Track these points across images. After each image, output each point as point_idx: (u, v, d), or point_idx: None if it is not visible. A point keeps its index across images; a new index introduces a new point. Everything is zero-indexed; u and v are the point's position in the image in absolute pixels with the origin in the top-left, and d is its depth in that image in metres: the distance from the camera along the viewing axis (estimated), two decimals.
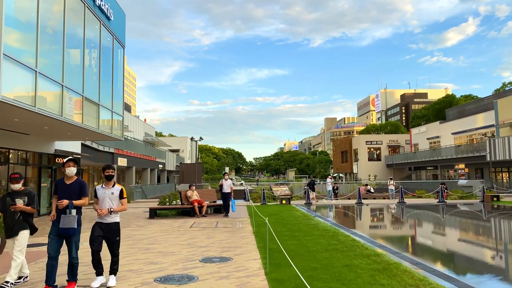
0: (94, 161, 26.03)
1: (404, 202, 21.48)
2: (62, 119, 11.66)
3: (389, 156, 65.70)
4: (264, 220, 12.03)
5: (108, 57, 16.25)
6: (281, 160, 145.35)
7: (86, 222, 13.34)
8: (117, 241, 6.09)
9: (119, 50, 17.62)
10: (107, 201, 5.96)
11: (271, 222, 12.99)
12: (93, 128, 14.16)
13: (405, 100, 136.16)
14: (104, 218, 6.01)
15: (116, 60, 17.19)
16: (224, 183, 15.38)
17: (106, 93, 15.91)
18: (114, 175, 6.05)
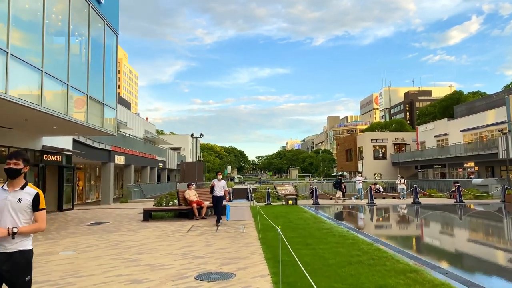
0: (89, 158, 24.69)
1: (419, 202, 20.02)
2: (42, 110, 10.27)
3: (395, 154, 64.20)
4: (270, 223, 10.61)
5: (98, 44, 14.85)
6: (284, 159, 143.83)
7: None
8: (25, 284, 3.31)
9: (112, 38, 16.20)
10: (7, 214, 3.28)
11: (278, 225, 11.56)
12: (81, 122, 12.77)
13: (409, 98, 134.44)
14: (1, 244, 3.24)
15: (108, 49, 15.78)
16: (216, 184, 12.61)
17: (96, 83, 14.51)
18: (24, 170, 3.44)
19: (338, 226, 11.35)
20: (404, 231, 12.10)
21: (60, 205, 18.08)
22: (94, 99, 13.86)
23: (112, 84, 16.26)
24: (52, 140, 16.99)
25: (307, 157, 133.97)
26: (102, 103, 14.73)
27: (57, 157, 17.44)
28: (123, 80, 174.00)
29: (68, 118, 11.74)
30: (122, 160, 30.64)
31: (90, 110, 13.65)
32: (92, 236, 10.42)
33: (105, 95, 14.93)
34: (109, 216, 15.86)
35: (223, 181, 12.78)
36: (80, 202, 30.18)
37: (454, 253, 8.86)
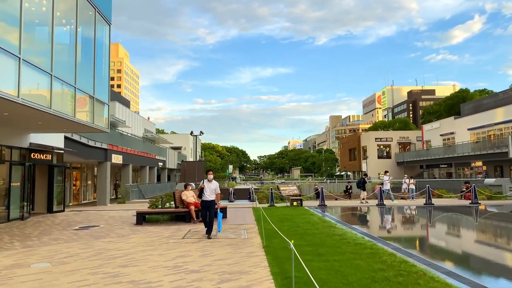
0: (84, 157, 23.60)
1: (432, 203, 18.83)
2: (20, 102, 9.16)
3: (399, 154, 62.93)
4: (275, 228, 9.47)
5: (88, 33, 13.73)
6: (286, 159, 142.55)
7: None
8: None
9: (104, 28, 15.08)
10: None
11: (284, 230, 10.43)
12: (68, 116, 11.66)
13: (412, 97, 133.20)
14: None
15: (100, 39, 14.67)
16: (206, 186, 10.32)
17: (86, 75, 13.40)
18: None
19: (351, 232, 10.19)
20: (426, 238, 10.88)
21: (50, 207, 16.98)
22: (83, 92, 12.75)
23: (105, 77, 15.15)
24: (41, 137, 15.89)
25: (309, 156, 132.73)
26: (93, 97, 13.62)
27: (46, 155, 16.33)
28: (124, 80, 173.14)
29: (52, 112, 10.63)
30: (119, 159, 29.56)
31: (78, 104, 12.53)
32: (76, 243, 9.30)
33: (95, 88, 13.82)
34: (100, 219, 14.74)
35: (214, 182, 10.52)
36: (76, 203, 29.12)
37: (496, 265, 7.67)
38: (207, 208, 10.19)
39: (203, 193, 10.24)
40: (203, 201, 10.37)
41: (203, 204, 10.39)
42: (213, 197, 10.29)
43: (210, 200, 10.25)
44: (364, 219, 15.28)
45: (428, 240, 10.46)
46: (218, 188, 10.41)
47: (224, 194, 28.02)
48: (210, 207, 10.22)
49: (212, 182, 10.39)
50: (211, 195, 10.27)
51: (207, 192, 10.25)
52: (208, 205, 10.24)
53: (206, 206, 10.24)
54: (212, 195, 10.29)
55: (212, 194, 10.28)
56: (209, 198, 10.25)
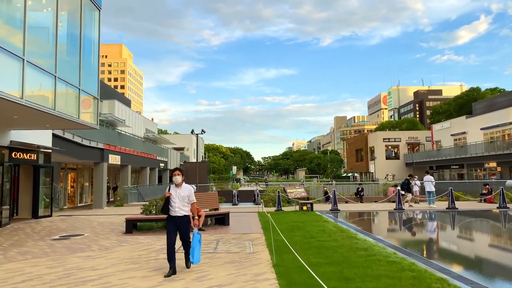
0: (78, 158, 22.09)
1: (456, 207, 17.10)
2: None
3: (408, 154, 61.10)
4: (286, 238, 7.84)
5: (73, 16, 12.19)
6: (290, 160, 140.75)
7: None
8: None
9: (92, 13, 13.53)
10: None
11: (296, 242, 8.80)
12: (46, 109, 10.10)
13: (419, 97, 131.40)
14: None
15: (88, 25, 13.12)
16: (174, 195, 6.66)
17: (70, 65, 11.86)
18: None
19: (378, 245, 8.52)
20: (475, 253, 9.04)
21: (35, 212, 15.43)
22: (65, 82, 11.18)
23: (93, 68, 13.60)
24: (24, 135, 14.36)
25: (314, 157, 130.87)
26: (78, 88, 12.06)
27: (31, 155, 14.79)
28: (127, 80, 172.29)
29: (24, 103, 9.06)
30: (117, 159, 28.03)
31: (61, 97, 10.98)
32: (46, 259, 7.71)
33: (82, 79, 12.26)
34: (88, 225, 13.18)
35: (186, 186, 6.81)
36: (72, 206, 27.64)
37: None
38: (176, 229, 6.49)
39: (170, 205, 6.53)
40: (170, 218, 6.55)
41: (170, 222, 6.54)
42: (186, 210, 6.59)
43: (181, 215, 6.50)
44: (382, 226, 13.58)
45: (478, 255, 8.67)
46: (193, 195, 6.74)
47: (228, 197, 26.40)
48: (182, 226, 6.52)
49: (182, 187, 6.68)
50: (182, 207, 6.55)
51: (176, 202, 6.52)
52: (178, 225, 6.49)
53: (175, 226, 6.49)
54: (185, 207, 6.58)
55: (184, 205, 6.58)
56: (180, 212, 6.49)
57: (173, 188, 6.73)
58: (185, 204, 6.63)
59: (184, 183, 6.83)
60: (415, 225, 13.49)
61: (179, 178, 6.74)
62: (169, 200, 6.62)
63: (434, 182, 18.61)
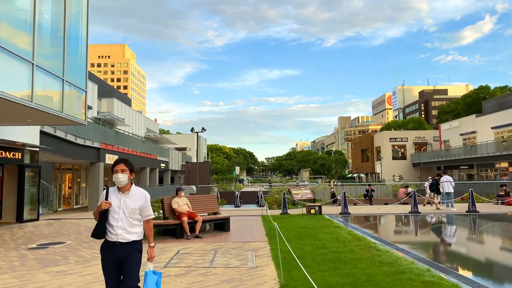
0: (71, 157, 20.89)
1: (477, 210, 15.74)
2: None
3: (415, 154, 59.65)
4: (294, 249, 6.55)
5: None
6: (294, 160, 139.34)
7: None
8: None
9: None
10: None
11: (307, 253, 7.51)
12: (22, 100, 8.87)
13: (424, 97, 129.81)
14: None
15: (75, 5, 11.90)
16: (114, 205, 3.86)
17: (51, 51, 10.64)
18: None
19: (404, 257, 7.19)
20: None
21: (19, 215, 14.21)
22: (46, 71, 9.95)
23: (81, 57, 12.36)
24: (7, 132, 13.16)
25: (318, 158, 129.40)
26: (62, 79, 10.83)
27: (14, 153, 13.59)
28: (130, 81, 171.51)
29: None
30: (114, 159, 26.79)
31: (40, 87, 9.75)
32: (9, 275, 6.47)
33: (66, 69, 11.03)
34: (75, 231, 11.95)
35: (138, 191, 3.97)
36: (68, 208, 26.47)
37: None
38: (117, 265, 3.81)
39: (107, 224, 3.85)
40: (107, 246, 3.84)
41: (107, 254, 3.82)
42: (136, 232, 3.87)
43: (126, 242, 3.81)
44: (403, 231, 12.23)
45: None
46: (149, 206, 4.00)
47: (230, 198, 25.12)
48: (127, 261, 3.79)
49: (131, 193, 3.93)
50: (129, 227, 3.84)
51: (119, 220, 3.83)
52: (121, 257, 3.79)
53: (117, 259, 3.80)
54: (134, 229, 3.86)
55: (133, 225, 3.86)
56: (124, 236, 3.81)
57: (115, 194, 3.86)
58: (134, 222, 3.80)
59: (134, 185, 3.94)
60: (440, 231, 12.11)
61: (124, 178, 3.80)
62: (106, 215, 3.79)
63: (453, 183, 17.21)
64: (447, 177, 17.58)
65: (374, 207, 19.91)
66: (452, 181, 17.30)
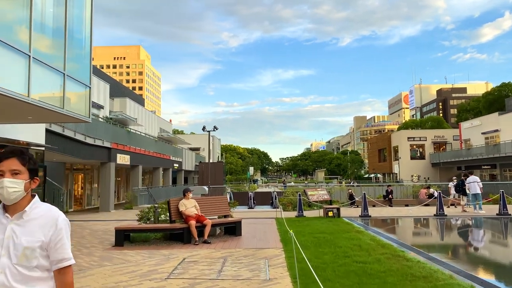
0: (80, 157, 20.41)
1: (509, 213, 14.57)
2: None
3: (434, 154, 57.94)
4: (312, 259, 5.70)
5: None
6: (309, 160, 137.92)
7: None
8: None
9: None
10: None
11: (327, 263, 6.64)
12: (17, 95, 8.22)
13: (442, 95, 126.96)
14: None
15: None
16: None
17: (52, 45, 10.01)
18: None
19: (439, 269, 6.24)
20: None
21: None
22: (44, 64, 9.31)
23: (85, 50, 11.73)
24: (11, 130, 12.61)
25: (333, 158, 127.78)
26: (62, 73, 10.18)
27: None
28: (145, 82, 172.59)
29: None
30: (126, 159, 26.32)
31: (38, 82, 9.10)
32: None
33: (67, 62, 10.38)
34: (79, 234, 11.32)
35: (46, 214, 1.94)
36: (79, 209, 26.10)
37: None
38: None
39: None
40: None
41: None
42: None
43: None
44: (437, 240, 11.20)
45: None
46: (65, 245, 1.95)
47: (244, 199, 24.37)
48: None
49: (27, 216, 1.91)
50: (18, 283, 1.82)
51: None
52: None
53: None
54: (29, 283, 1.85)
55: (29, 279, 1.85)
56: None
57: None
58: (31, 274, 1.87)
59: (37, 200, 2.01)
60: (473, 237, 11.06)
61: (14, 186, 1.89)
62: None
63: (480, 184, 16.06)
64: (474, 177, 16.44)
65: (395, 209, 18.87)
66: (479, 182, 16.15)
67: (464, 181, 16.48)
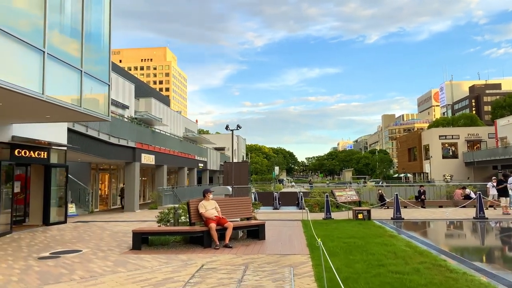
0: (105, 157, 20.33)
1: None
2: None
3: (468, 153, 55.54)
4: (344, 267, 5.04)
5: None
6: (336, 160, 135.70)
7: None
8: None
9: None
10: None
11: (359, 273, 5.95)
12: (32, 92, 7.92)
13: (475, 92, 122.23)
14: None
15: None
16: None
17: (68, 41, 9.70)
18: None
19: (490, 283, 5.46)
20: None
21: (46, 218, 13.54)
22: (59, 61, 9.00)
23: (104, 46, 11.43)
24: (32, 130, 12.47)
25: (361, 157, 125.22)
26: (80, 70, 9.87)
27: (39, 152, 12.91)
28: (172, 83, 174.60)
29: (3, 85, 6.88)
30: (151, 159, 26.21)
31: (54, 79, 8.79)
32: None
33: (84, 59, 10.07)
34: (98, 236, 11.01)
35: None
36: (105, 209, 26.18)
37: None
38: None
39: None
40: None
41: None
42: None
43: None
44: (481, 246, 10.24)
45: None
46: None
47: (269, 200, 23.80)
48: None
49: None
50: None
51: None
52: None
53: None
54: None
55: None
56: None
57: None
58: None
59: None
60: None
61: None
62: None
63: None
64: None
65: (429, 211, 17.80)
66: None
67: (503, 180, 15.32)
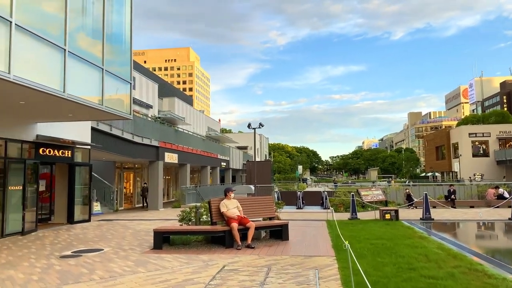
0: (129, 156, 20.47)
1: None
2: None
3: (500, 151, 53.49)
4: (372, 270, 4.69)
5: None
6: (361, 159, 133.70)
7: None
8: None
9: None
10: None
11: (390, 278, 5.59)
12: (52, 90, 7.90)
13: (507, 88, 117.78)
14: None
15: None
16: None
17: (89, 38, 9.67)
18: None
19: None
20: None
21: (70, 216, 13.68)
22: (81, 59, 8.97)
23: (125, 44, 11.38)
24: (55, 129, 12.57)
25: (387, 156, 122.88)
26: (101, 68, 9.84)
27: (63, 151, 13.02)
28: (195, 83, 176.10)
29: (13, 79, 6.87)
30: (174, 158, 26.31)
31: (75, 78, 8.76)
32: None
33: (106, 57, 10.03)
34: (120, 234, 10.98)
35: None
36: (129, 207, 26.48)
37: None
38: None
39: None
40: None
41: None
42: None
43: None
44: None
45: None
46: None
47: (292, 199, 23.44)
48: None
49: None
50: None
51: None
52: None
53: None
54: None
55: None
56: None
57: None
58: None
59: None
60: None
61: None
62: None
63: None
64: None
65: (460, 211, 17.07)
66: None
67: None
